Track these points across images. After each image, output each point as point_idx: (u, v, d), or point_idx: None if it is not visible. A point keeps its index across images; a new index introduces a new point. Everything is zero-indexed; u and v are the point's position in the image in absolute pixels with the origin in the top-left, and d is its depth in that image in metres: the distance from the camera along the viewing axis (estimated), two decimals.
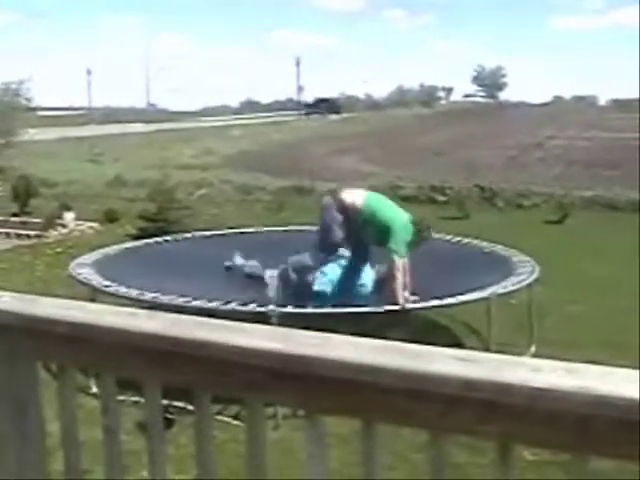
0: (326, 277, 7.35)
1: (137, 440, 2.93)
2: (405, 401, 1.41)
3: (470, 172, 20.78)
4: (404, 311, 6.67)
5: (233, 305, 6.51)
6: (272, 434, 5.27)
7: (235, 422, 5.34)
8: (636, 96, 75.43)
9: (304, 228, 9.66)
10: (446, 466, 1.46)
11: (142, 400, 1.67)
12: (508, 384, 1.39)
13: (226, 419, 5.40)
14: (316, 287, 7.32)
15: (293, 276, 7.49)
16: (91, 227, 15.14)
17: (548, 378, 1.40)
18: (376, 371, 1.36)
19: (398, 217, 7.19)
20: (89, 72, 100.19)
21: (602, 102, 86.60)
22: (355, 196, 7.41)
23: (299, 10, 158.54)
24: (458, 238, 9.55)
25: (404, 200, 16.58)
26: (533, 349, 7.27)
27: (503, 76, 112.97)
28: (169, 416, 4.81)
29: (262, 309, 6.36)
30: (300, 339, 1.46)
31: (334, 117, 65.00)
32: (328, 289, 7.29)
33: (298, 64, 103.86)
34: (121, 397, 1.87)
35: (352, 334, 1.47)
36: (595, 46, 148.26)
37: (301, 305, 6.70)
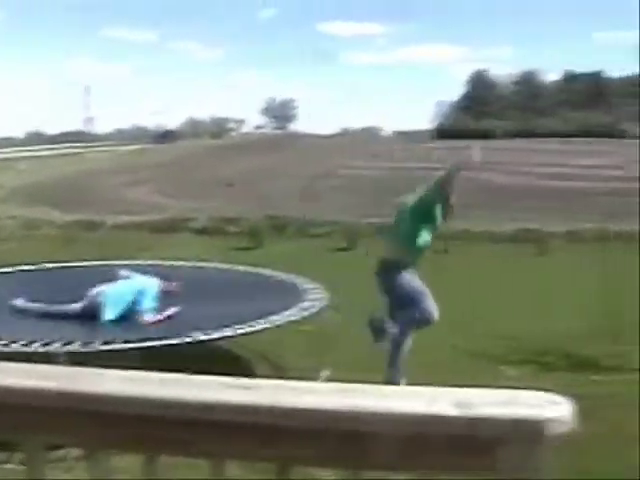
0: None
1: None
2: (186, 432, 1.43)
3: (262, 203, 21.11)
4: (194, 342, 6.62)
5: (16, 345, 6.19)
6: (64, 476, 5.04)
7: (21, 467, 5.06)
8: (418, 127, 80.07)
9: (90, 264, 9.42)
10: None
11: None
12: (286, 408, 1.44)
13: (10, 466, 5.11)
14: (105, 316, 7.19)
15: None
16: None
17: (323, 400, 1.46)
18: (154, 403, 1.37)
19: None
20: None
21: (388, 133, 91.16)
22: None
23: (89, 39, 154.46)
24: (248, 268, 9.63)
25: (197, 233, 16.64)
26: (327, 373, 7.46)
27: (294, 108, 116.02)
28: None
29: (47, 348, 6.09)
30: (77, 376, 1.44)
31: (129, 148, 63.84)
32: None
33: (88, 93, 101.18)
34: None
35: (147, 368, 1.47)
36: (381, 80, 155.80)
37: (90, 342, 6.47)
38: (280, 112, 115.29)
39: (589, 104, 71.61)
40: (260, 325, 6.83)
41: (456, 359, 7.72)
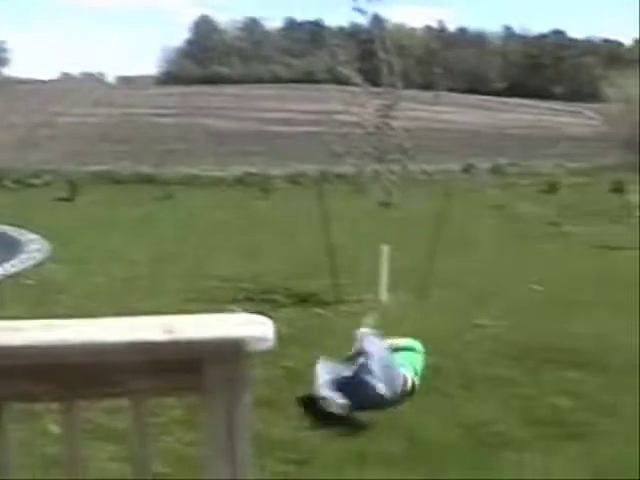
0: None
1: None
2: None
3: None
4: None
5: None
6: None
7: None
8: (142, 73, 78.21)
9: None
10: None
11: None
12: None
13: None
14: None
15: None
16: None
17: (30, 336, 1.45)
18: None
19: None
20: None
21: (110, 79, 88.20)
22: None
23: None
24: None
25: None
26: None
27: (5, 50, 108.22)
28: None
29: None
30: None
31: None
32: None
33: None
34: None
35: None
36: (103, 24, 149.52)
37: None
38: None
39: (310, 51, 74.12)
40: None
41: (182, 303, 7.76)
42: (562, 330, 6.81)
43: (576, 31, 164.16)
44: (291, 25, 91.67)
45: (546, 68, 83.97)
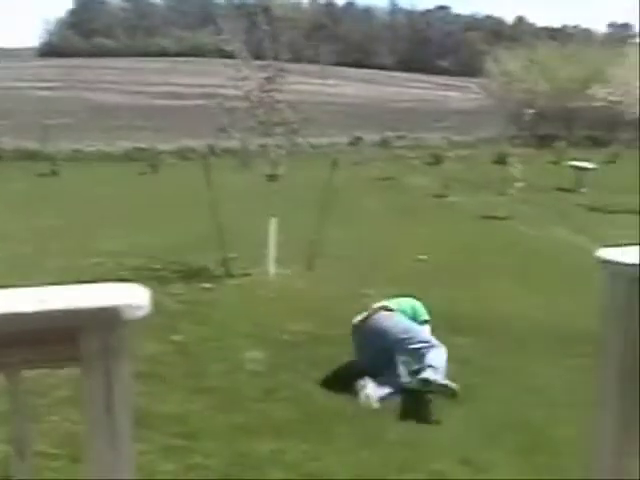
0: None
1: None
2: None
3: None
4: None
5: None
6: None
7: None
8: (23, 45, 75.29)
9: None
10: None
11: None
12: None
13: None
14: None
15: None
16: None
17: None
18: None
19: None
20: None
21: None
22: None
23: None
24: None
25: None
26: None
27: None
28: None
29: None
30: None
31: None
32: None
33: None
34: None
35: None
36: None
37: None
38: None
39: (198, 24, 72.99)
40: None
41: (64, 280, 7.60)
42: (446, 297, 7.05)
43: (460, 7, 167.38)
44: None
45: (432, 43, 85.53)
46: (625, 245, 2.28)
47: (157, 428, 4.36)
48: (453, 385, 4.90)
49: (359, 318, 5.45)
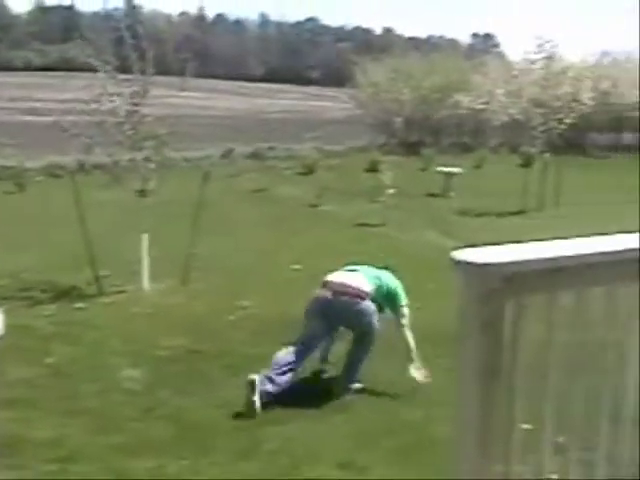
0: None
1: None
2: None
3: None
4: None
5: None
6: None
7: None
8: None
9: None
10: None
11: None
12: None
13: None
14: None
15: None
16: None
17: None
18: None
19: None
20: None
21: None
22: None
23: None
24: None
25: None
26: None
27: None
28: None
29: None
30: None
31: None
32: None
33: None
34: None
35: None
36: None
37: None
38: None
39: (64, 37, 71.06)
40: None
41: None
42: None
43: (330, 19, 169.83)
44: (41, 10, 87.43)
45: (303, 54, 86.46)
46: (486, 246, 2.40)
47: (31, 454, 4.26)
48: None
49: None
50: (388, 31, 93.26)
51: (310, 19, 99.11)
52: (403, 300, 5.48)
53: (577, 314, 2.70)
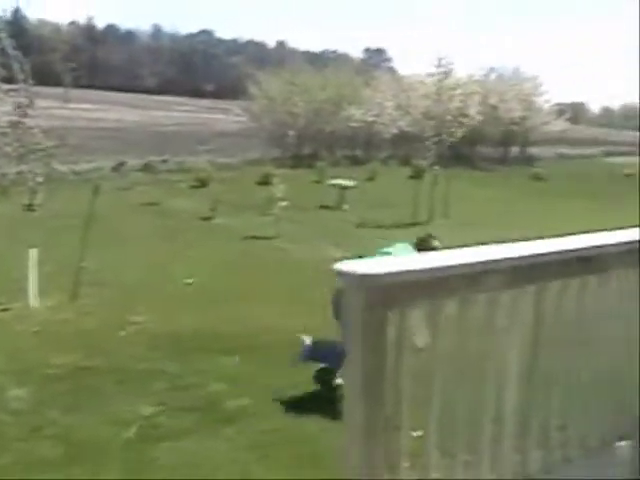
0: None
1: None
2: None
3: None
4: None
5: None
6: None
7: None
8: None
9: None
10: None
11: None
12: None
13: None
14: None
15: None
16: None
17: None
18: None
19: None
20: None
21: None
22: None
23: None
24: None
25: None
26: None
27: None
28: None
29: None
30: None
31: None
32: None
33: None
34: None
35: None
36: None
37: None
38: None
39: None
40: None
41: None
42: (211, 318, 7.14)
43: (223, 32, 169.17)
44: None
45: (196, 67, 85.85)
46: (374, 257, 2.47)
47: None
48: None
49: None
50: (281, 44, 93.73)
51: (203, 31, 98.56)
52: None
53: (460, 321, 2.80)
